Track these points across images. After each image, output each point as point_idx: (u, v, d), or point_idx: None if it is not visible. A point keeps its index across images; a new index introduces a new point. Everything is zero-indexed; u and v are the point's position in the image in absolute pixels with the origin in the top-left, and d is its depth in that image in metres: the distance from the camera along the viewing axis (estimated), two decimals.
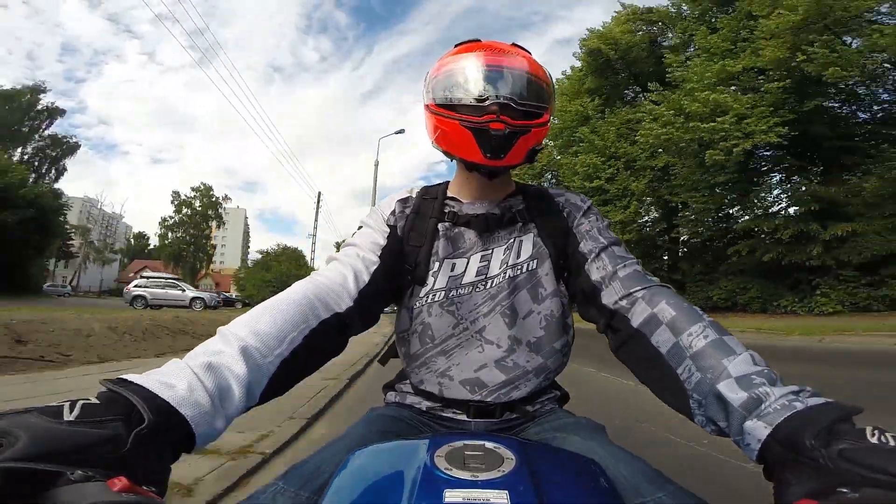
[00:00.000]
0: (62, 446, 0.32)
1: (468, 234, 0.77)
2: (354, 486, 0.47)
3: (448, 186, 0.84)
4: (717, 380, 0.49)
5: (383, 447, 0.56)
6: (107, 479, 0.30)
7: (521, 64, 0.71)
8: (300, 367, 0.56)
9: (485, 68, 0.69)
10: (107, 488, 0.30)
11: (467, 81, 0.69)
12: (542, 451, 0.54)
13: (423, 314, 0.75)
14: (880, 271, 11.07)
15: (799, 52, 10.81)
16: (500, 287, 0.74)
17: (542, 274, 0.75)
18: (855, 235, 11.28)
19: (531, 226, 0.78)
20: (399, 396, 0.82)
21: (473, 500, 0.40)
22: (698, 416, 0.52)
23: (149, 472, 0.37)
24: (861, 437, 0.36)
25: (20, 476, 0.29)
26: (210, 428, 0.43)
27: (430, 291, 0.74)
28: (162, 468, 0.39)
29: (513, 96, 0.68)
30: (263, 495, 0.52)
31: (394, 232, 0.76)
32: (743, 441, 0.45)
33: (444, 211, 0.79)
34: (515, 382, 0.73)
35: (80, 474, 0.30)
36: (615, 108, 18.28)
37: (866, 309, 10.95)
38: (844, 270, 11.56)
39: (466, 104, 0.69)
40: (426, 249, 0.76)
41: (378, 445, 0.56)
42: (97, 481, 0.30)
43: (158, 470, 0.39)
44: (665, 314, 0.59)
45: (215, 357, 0.47)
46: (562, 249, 0.76)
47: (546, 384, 0.78)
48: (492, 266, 0.75)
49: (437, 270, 0.75)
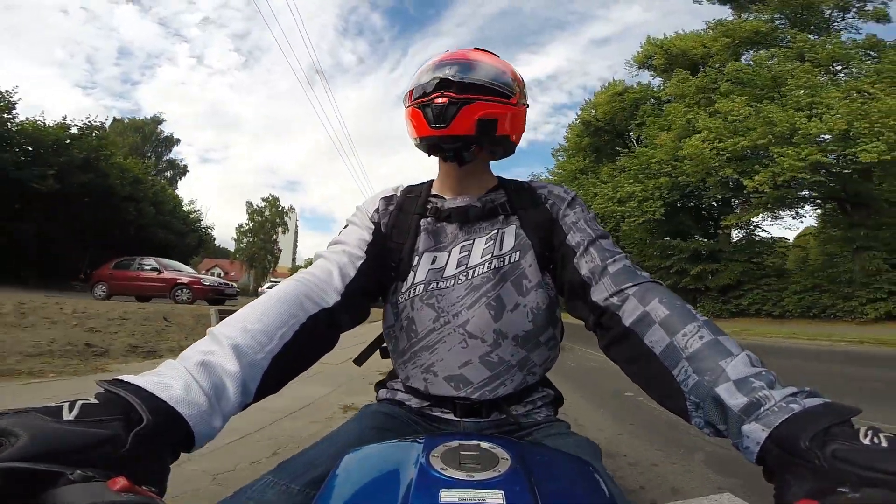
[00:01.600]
0: (62, 446, 0.32)
1: (449, 227, 0.78)
2: (350, 486, 0.47)
3: (432, 185, 0.85)
4: (715, 383, 0.48)
5: (378, 447, 0.55)
6: (107, 480, 0.31)
7: (474, 55, 0.76)
8: (292, 363, 0.57)
9: (438, 61, 0.75)
10: (107, 488, 0.30)
11: (424, 75, 0.75)
12: (537, 451, 0.53)
13: (406, 309, 0.74)
14: (728, 293, 17.93)
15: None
16: (485, 278, 0.73)
17: (525, 265, 0.74)
18: (717, 272, 18.14)
19: (513, 218, 0.77)
20: (390, 393, 0.82)
21: (469, 500, 0.40)
22: (696, 418, 0.51)
23: (148, 471, 0.37)
24: (854, 438, 0.37)
25: (20, 476, 0.29)
26: (208, 427, 0.44)
27: (412, 286, 0.74)
28: (161, 468, 0.40)
29: (453, 73, 0.72)
30: (252, 489, 0.54)
31: (378, 229, 0.77)
32: (742, 444, 0.45)
33: (426, 207, 0.79)
34: (501, 378, 0.72)
35: (80, 474, 0.30)
36: (603, 164, 24.62)
37: (718, 316, 17.79)
38: (712, 292, 18.42)
39: (420, 88, 0.74)
40: (409, 245, 0.76)
41: (373, 445, 0.56)
42: (97, 481, 0.30)
43: (158, 470, 0.39)
44: (658, 313, 0.57)
45: (208, 356, 0.48)
46: (546, 241, 0.75)
47: (533, 380, 0.77)
48: (472, 256, 0.74)
49: (416, 265, 0.75)
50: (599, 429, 3.26)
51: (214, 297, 11.62)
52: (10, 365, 3.80)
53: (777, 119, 14.62)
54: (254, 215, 57.72)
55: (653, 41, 22.70)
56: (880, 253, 14.30)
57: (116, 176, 17.69)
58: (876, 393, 4.41)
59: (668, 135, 18.55)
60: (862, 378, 5.15)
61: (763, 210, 17.84)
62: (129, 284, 11.73)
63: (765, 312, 16.63)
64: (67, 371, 3.99)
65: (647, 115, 21.78)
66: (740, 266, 17.70)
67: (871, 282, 14.00)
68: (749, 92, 16.69)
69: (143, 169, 22.70)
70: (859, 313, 13.99)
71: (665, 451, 2.70)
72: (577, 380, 5.04)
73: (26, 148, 14.88)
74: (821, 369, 6.00)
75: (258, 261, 56.17)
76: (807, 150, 13.97)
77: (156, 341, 5.72)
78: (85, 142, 16.38)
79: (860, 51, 16.45)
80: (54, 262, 16.05)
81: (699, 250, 19.10)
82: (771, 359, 3.12)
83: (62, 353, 4.44)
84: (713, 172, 16.90)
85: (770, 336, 11.48)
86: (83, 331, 5.28)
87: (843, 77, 16.39)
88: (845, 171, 14.87)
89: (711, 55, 20.09)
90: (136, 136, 44.38)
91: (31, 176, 14.11)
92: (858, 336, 10.11)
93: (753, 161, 16.20)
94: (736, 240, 20.00)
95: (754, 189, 15.45)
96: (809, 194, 17.07)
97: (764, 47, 18.93)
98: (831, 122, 13.56)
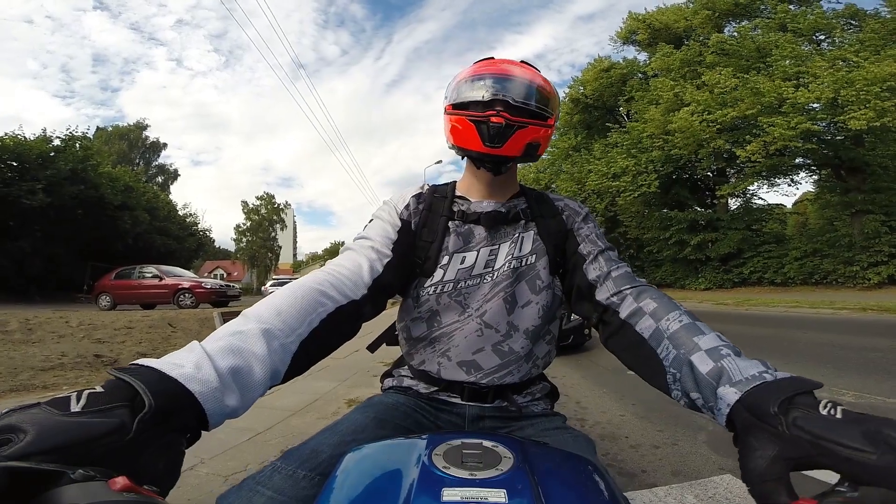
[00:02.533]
0: (68, 440, 0.32)
1: (477, 229, 0.82)
2: (353, 484, 0.47)
3: (456, 186, 0.89)
4: (689, 353, 0.55)
5: (381, 445, 0.56)
6: (107, 479, 0.31)
7: (522, 73, 0.80)
8: (317, 349, 0.60)
9: (491, 74, 0.79)
10: (107, 488, 0.30)
11: (476, 86, 0.78)
12: (539, 450, 0.54)
13: (430, 302, 0.78)
14: (729, 262, 18.04)
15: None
16: (504, 275, 0.79)
17: (539, 268, 0.80)
18: (716, 241, 18.23)
19: (532, 224, 0.84)
20: (397, 381, 0.86)
21: (471, 498, 0.40)
22: (674, 390, 0.57)
23: (159, 459, 0.38)
24: (814, 409, 0.40)
25: (21, 475, 0.29)
26: (220, 405, 0.44)
27: (440, 283, 0.78)
28: (173, 454, 0.39)
29: (511, 96, 0.76)
30: (261, 474, 0.57)
31: (406, 226, 0.80)
32: (715, 406, 0.49)
33: (453, 209, 0.84)
34: (509, 367, 0.78)
35: (81, 473, 0.30)
36: (595, 140, 24.30)
37: (721, 286, 17.98)
38: (713, 262, 18.55)
39: (474, 102, 0.77)
40: (437, 245, 0.81)
41: (376, 443, 0.57)
42: (98, 480, 0.30)
43: (170, 457, 0.39)
44: (649, 306, 0.65)
45: (234, 337, 0.50)
46: (559, 248, 0.83)
47: (536, 373, 0.84)
48: (498, 258, 0.80)
49: (446, 264, 0.79)
50: (602, 410, 3.28)
51: (217, 300, 11.74)
52: (23, 380, 3.87)
53: (764, 89, 14.59)
54: (250, 214, 57.37)
55: (635, 16, 22.43)
56: (878, 216, 14.34)
57: (107, 186, 17.48)
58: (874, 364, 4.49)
59: (656, 109, 18.46)
60: (862, 348, 5.17)
61: (758, 178, 17.88)
62: (132, 293, 11.81)
63: (767, 281, 16.70)
64: (81, 383, 4.08)
65: (634, 91, 21.64)
66: (739, 234, 17.75)
67: (870, 245, 14.05)
68: (735, 63, 16.62)
69: (133, 176, 22.54)
70: (861, 278, 14.04)
71: (666, 433, 2.72)
72: (576, 359, 5.13)
73: (10, 164, 14.59)
74: (826, 339, 6.07)
75: (259, 259, 55.98)
76: (796, 119, 13.97)
77: (164, 348, 5.82)
78: (70, 153, 16.10)
79: (842, 20, 16.37)
80: (56, 277, 16.01)
81: (697, 220, 19.18)
82: (771, 330, 3.14)
83: (73, 366, 4.51)
84: (705, 144, 16.91)
85: (773, 305, 11.52)
86: (91, 342, 5.36)
87: (826, 47, 16.30)
88: (837, 139, 14.91)
89: (694, 28, 19.94)
90: (121, 144, 43.77)
91: (19, 192, 13.93)
92: (861, 304, 9.92)
93: (744, 132, 16.17)
94: (733, 208, 20.07)
95: (747, 159, 15.46)
96: (804, 161, 17.11)
97: (745, 19, 18.77)
98: (818, 91, 13.55)
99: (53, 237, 15.53)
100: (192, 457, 2.37)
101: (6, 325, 5.31)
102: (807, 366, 4.29)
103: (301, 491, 0.56)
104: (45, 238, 15.27)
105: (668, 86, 18.45)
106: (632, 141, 19.92)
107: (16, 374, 3.98)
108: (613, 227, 22.80)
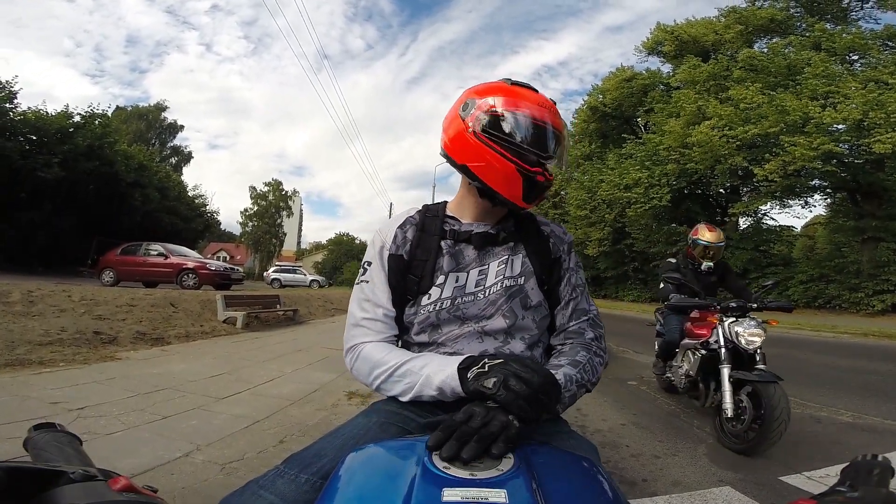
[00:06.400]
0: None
1: (468, 249, 0.88)
2: (354, 484, 0.48)
3: (446, 206, 0.95)
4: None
5: (382, 446, 0.57)
6: (107, 479, 0.31)
7: (559, 124, 0.84)
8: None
9: (538, 123, 0.81)
10: (107, 488, 0.30)
11: (522, 129, 0.80)
12: (539, 450, 0.54)
13: (430, 318, 0.86)
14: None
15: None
16: (498, 294, 0.86)
17: (528, 288, 0.88)
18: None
19: (520, 246, 0.90)
20: None
21: (472, 498, 0.40)
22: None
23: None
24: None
25: (21, 475, 0.30)
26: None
27: (438, 300, 0.86)
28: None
29: (553, 155, 0.82)
30: (264, 478, 0.58)
31: (396, 258, 0.89)
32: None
33: (444, 229, 0.90)
34: None
35: (81, 473, 0.31)
36: (609, 150, 24.19)
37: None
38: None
39: (517, 145, 0.79)
40: (431, 264, 0.87)
41: (377, 444, 0.57)
42: (98, 480, 0.31)
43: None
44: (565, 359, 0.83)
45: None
46: (546, 269, 0.91)
47: None
48: (489, 277, 0.87)
49: (443, 283, 0.86)
50: (603, 419, 3.26)
51: (220, 282, 11.71)
52: (19, 355, 3.83)
53: (790, 108, 14.34)
54: (258, 199, 57.74)
55: (663, 27, 22.25)
56: (890, 244, 14.08)
57: (121, 163, 17.72)
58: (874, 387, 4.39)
59: (676, 121, 18.24)
60: (862, 371, 5.14)
61: (771, 198, 17.62)
62: (135, 270, 11.83)
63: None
64: (77, 360, 4.04)
65: (655, 102, 21.44)
66: (747, 254, 17.49)
67: (878, 273, 13.83)
68: (762, 79, 16.35)
69: (147, 155, 22.70)
70: (865, 305, 13.83)
71: (667, 443, 2.72)
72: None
73: (30, 137, 14.92)
74: (825, 361, 5.98)
75: (263, 245, 56.44)
76: (819, 140, 13.71)
77: (164, 328, 5.76)
78: (88, 130, 16.41)
79: (879, 41, 16.01)
80: (61, 250, 16.18)
81: None
82: (771, 350, 3.09)
83: (72, 342, 4.48)
84: (722, 160, 16.66)
85: (773, 325, 11.33)
86: (91, 318, 5.32)
87: (859, 67, 16.00)
88: (857, 162, 14.61)
89: (723, 42, 19.67)
90: (139, 124, 44.17)
91: (36, 164, 14.16)
92: (864, 329, 9.84)
93: (764, 149, 15.94)
94: (743, 228, 19.75)
95: (764, 178, 15.23)
96: (819, 184, 16.82)
97: (778, 35, 18.51)
98: (846, 112, 13.28)
99: (63, 211, 15.70)
100: (188, 443, 2.33)
101: (8, 296, 5.28)
102: (804, 385, 4.22)
103: (303, 495, 0.57)
104: (55, 211, 15.44)
105: (691, 98, 18.26)
106: (647, 153, 19.70)
107: (13, 349, 3.94)
108: (620, 238, 22.60)
